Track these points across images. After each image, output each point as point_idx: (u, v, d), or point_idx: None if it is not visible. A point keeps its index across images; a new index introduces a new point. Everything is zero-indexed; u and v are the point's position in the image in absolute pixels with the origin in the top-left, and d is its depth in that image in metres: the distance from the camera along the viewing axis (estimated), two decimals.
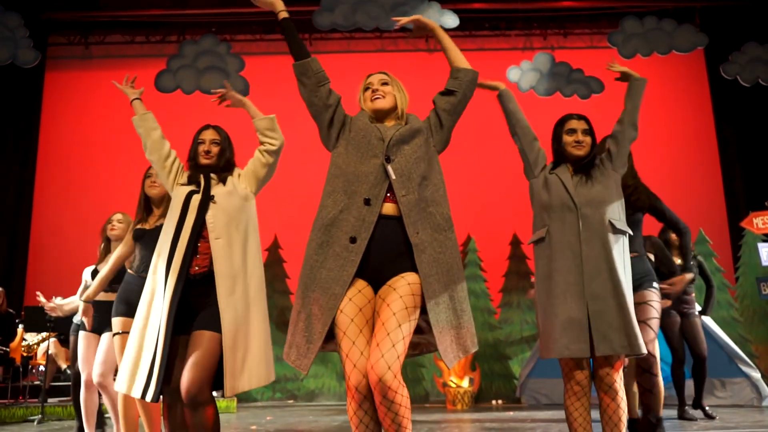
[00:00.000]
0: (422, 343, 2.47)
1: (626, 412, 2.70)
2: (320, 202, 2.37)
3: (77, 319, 4.44)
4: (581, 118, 2.84)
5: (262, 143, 2.86)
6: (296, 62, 2.47)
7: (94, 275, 4.15)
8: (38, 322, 6.38)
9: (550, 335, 2.63)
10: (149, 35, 10.85)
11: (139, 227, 3.49)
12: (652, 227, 4.15)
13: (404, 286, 2.25)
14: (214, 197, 2.68)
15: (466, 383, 7.54)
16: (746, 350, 7.51)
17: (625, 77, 2.94)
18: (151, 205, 3.53)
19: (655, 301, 3.23)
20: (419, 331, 2.43)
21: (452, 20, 9.94)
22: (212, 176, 2.75)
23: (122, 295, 3.46)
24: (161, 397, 2.53)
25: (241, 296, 2.58)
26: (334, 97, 2.48)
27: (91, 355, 3.99)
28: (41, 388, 6.41)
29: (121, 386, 2.55)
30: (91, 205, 9.64)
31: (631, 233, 2.76)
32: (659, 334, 3.82)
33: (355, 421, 2.18)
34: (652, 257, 4.04)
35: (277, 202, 8.83)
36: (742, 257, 9.04)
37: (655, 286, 3.34)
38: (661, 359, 3.97)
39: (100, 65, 10.80)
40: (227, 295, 2.53)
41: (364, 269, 2.29)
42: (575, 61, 10.23)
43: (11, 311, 7.56)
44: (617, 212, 2.72)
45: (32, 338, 7.89)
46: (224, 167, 2.80)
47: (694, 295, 5.44)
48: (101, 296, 3.84)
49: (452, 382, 7.54)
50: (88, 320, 3.64)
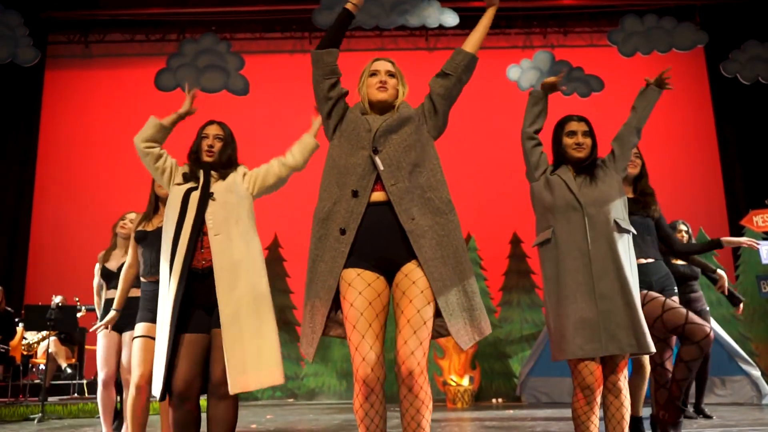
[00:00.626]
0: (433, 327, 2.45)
1: (629, 410, 2.70)
2: (318, 194, 2.41)
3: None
4: (581, 119, 2.82)
5: (287, 155, 2.86)
6: (314, 50, 2.54)
7: (104, 273, 4.14)
8: (38, 320, 6.37)
9: (563, 336, 2.59)
10: (149, 34, 10.86)
11: (140, 229, 3.48)
12: None
13: (423, 278, 2.28)
14: (213, 194, 2.65)
15: (466, 382, 7.54)
16: (746, 348, 7.51)
17: (657, 83, 2.91)
18: (159, 204, 3.51)
19: (677, 307, 3.17)
20: None
21: (452, 18, 9.94)
22: (212, 174, 2.72)
23: (143, 304, 3.43)
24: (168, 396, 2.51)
25: (246, 292, 2.55)
26: (336, 91, 2.51)
27: (111, 354, 3.93)
28: (41, 386, 6.41)
29: (155, 392, 2.53)
30: (91, 203, 9.65)
31: (634, 232, 2.76)
32: None
33: (360, 414, 2.21)
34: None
35: (277, 201, 8.78)
36: (742, 255, 9.05)
37: (675, 291, 3.33)
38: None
39: (99, 64, 10.81)
40: (228, 290, 2.52)
41: (368, 259, 2.31)
42: (575, 59, 10.23)
43: (10, 310, 7.56)
44: (621, 212, 2.72)
45: (32, 337, 7.89)
46: (226, 163, 2.77)
47: (701, 292, 5.42)
48: (112, 295, 3.85)
49: (452, 380, 7.53)
50: (107, 323, 3.55)
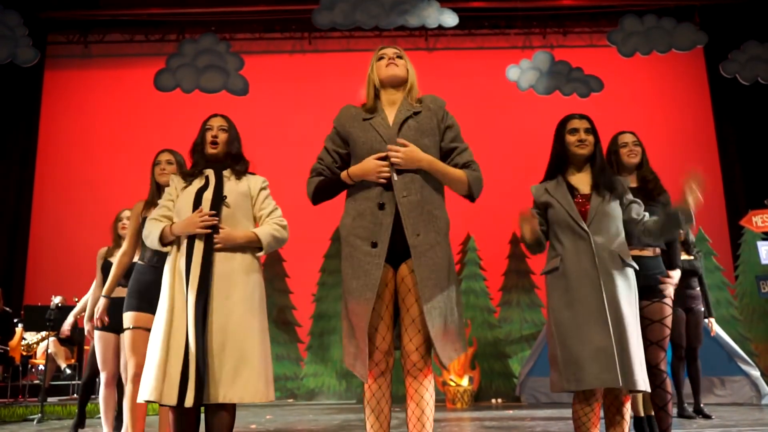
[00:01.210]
0: None
1: (630, 410, 2.70)
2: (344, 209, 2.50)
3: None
4: (583, 117, 2.81)
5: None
6: (310, 196, 2.63)
7: (105, 267, 4.09)
8: (38, 321, 6.37)
9: (578, 365, 2.49)
10: (149, 34, 10.86)
11: (146, 216, 3.40)
12: None
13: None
14: (226, 198, 2.60)
15: (465, 382, 7.54)
16: (746, 348, 7.51)
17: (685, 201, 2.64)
18: (160, 191, 3.41)
19: (668, 317, 3.08)
20: None
21: (452, 19, 9.93)
22: (225, 174, 2.66)
23: (134, 287, 3.33)
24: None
25: (239, 301, 2.49)
26: (337, 159, 2.55)
27: (110, 354, 3.90)
28: (41, 387, 6.41)
29: (146, 394, 2.38)
30: (90, 203, 9.64)
31: (637, 268, 2.70)
32: None
33: (368, 395, 2.40)
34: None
35: (276, 200, 8.81)
36: (741, 255, 9.05)
37: (668, 292, 3.19)
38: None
39: (99, 64, 10.81)
40: (222, 298, 2.47)
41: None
42: (575, 59, 10.24)
43: (8, 310, 7.56)
44: (624, 243, 2.68)
45: (31, 337, 7.89)
46: (234, 158, 2.72)
47: (699, 289, 5.43)
48: (117, 292, 3.79)
49: (452, 380, 7.54)
50: (100, 314, 3.47)
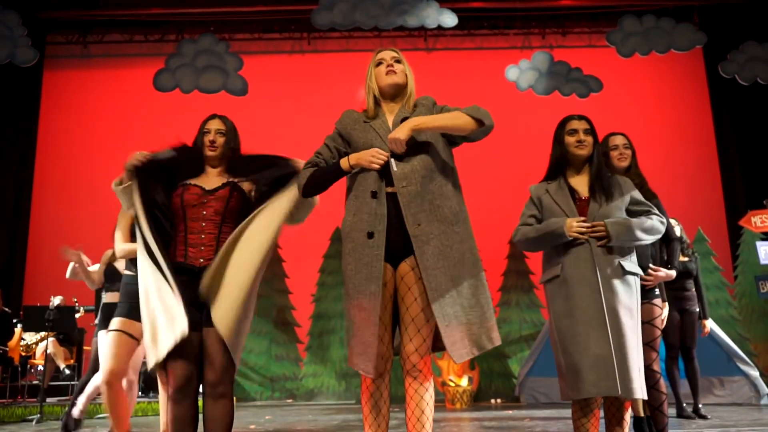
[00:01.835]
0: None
1: (629, 414, 2.70)
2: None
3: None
4: (582, 118, 2.80)
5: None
6: (302, 188, 2.50)
7: (109, 272, 4.09)
8: (37, 321, 6.36)
9: (577, 374, 2.49)
10: (148, 34, 10.85)
11: None
12: None
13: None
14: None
15: (465, 382, 7.54)
16: (745, 349, 7.51)
17: None
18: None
19: (658, 318, 3.10)
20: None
21: (451, 19, 9.94)
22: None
23: (125, 296, 3.35)
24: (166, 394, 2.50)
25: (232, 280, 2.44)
26: (336, 155, 2.53)
27: None
28: (40, 387, 6.41)
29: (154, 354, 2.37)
30: (89, 203, 9.63)
31: (642, 274, 2.69)
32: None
33: (366, 396, 2.42)
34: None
35: None
36: (740, 256, 9.05)
37: (657, 293, 3.19)
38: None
39: (98, 64, 10.80)
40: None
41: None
42: (574, 60, 10.24)
43: (8, 310, 7.56)
44: (625, 250, 2.64)
45: (31, 338, 7.88)
46: (232, 166, 2.74)
47: (693, 290, 5.42)
48: (110, 298, 3.82)
49: (451, 381, 7.53)
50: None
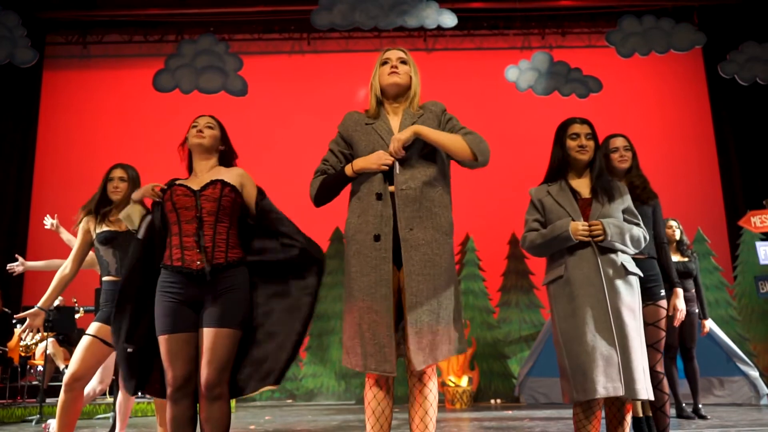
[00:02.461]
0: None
1: (630, 412, 2.69)
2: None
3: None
4: (584, 122, 2.79)
5: None
6: (313, 198, 2.66)
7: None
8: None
9: (585, 375, 2.47)
10: (147, 35, 10.85)
11: (108, 229, 3.38)
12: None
13: None
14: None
15: (464, 382, 7.54)
16: (744, 349, 7.51)
17: None
18: (113, 208, 3.44)
19: (663, 319, 3.05)
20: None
21: (450, 20, 9.93)
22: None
23: (106, 301, 3.32)
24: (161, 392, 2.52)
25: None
26: (342, 160, 2.57)
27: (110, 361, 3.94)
28: (39, 388, 6.40)
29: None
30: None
31: (641, 275, 2.69)
32: None
33: (369, 397, 2.39)
34: None
35: (275, 201, 8.79)
36: (740, 256, 9.05)
37: (662, 294, 3.12)
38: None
39: (98, 65, 10.80)
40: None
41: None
42: (573, 60, 10.23)
43: (7, 311, 7.55)
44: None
45: (30, 338, 7.87)
46: (222, 157, 2.73)
47: (693, 290, 5.42)
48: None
49: (451, 381, 7.53)
50: (36, 324, 3.31)
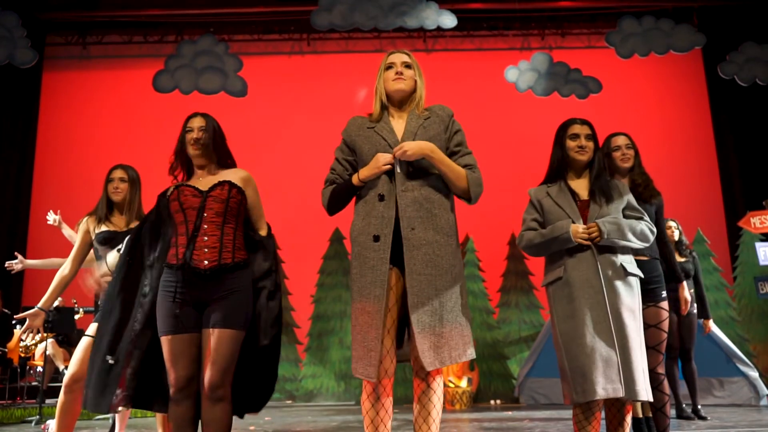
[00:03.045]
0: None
1: (630, 413, 2.69)
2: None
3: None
4: (584, 122, 2.78)
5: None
6: (326, 207, 2.59)
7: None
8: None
9: (585, 377, 2.47)
10: (147, 35, 10.84)
11: (107, 230, 3.41)
12: None
13: None
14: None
15: (464, 383, 7.54)
16: (744, 349, 7.51)
17: None
18: (114, 208, 3.52)
19: (664, 321, 3.04)
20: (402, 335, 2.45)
21: (450, 20, 9.93)
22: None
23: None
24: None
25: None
26: (348, 168, 2.56)
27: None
28: (39, 388, 6.40)
29: None
30: (88, 205, 9.58)
31: (642, 276, 2.69)
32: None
33: (366, 405, 2.37)
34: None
35: (275, 202, 8.80)
36: (740, 257, 9.05)
37: (664, 296, 3.10)
38: None
39: (97, 65, 10.79)
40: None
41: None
42: (573, 61, 10.23)
43: (7, 311, 7.54)
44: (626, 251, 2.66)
45: (30, 339, 7.87)
46: (220, 158, 2.70)
47: (692, 290, 5.41)
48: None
49: (451, 382, 7.53)
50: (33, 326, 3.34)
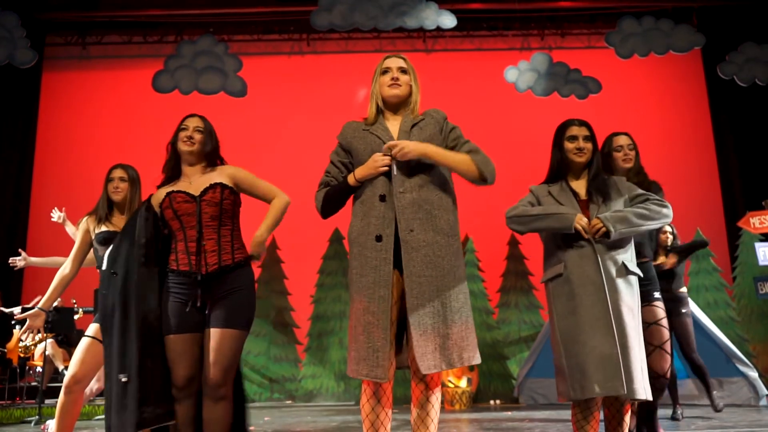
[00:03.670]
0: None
1: (629, 413, 2.67)
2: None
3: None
4: (582, 124, 2.79)
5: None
6: (319, 211, 2.57)
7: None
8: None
9: (583, 373, 2.45)
10: (147, 35, 10.84)
11: (107, 229, 3.42)
12: None
13: None
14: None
15: (464, 383, 7.54)
16: (744, 350, 7.51)
17: None
18: (114, 208, 3.54)
19: (663, 318, 3.06)
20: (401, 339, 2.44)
21: (450, 20, 9.93)
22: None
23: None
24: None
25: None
26: (344, 170, 2.54)
27: None
28: (38, 389, 6.40)
29: None
30: (88, 206, 9.57)
31: (641, 275, 2.68)
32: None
33: (367, 409, 2.35)
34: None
35: None
36: (739, 257, 9.05)
37: (657, 296, 3.11)
38: None
39: (97, 66, 10.79)
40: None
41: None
42: (573, 61, 10.23)
43: (6, 311, 7.54)
44: (626, 250, 2.66)
45: (29, 339, 7.87)
46: (209, 160, 2.73)
47: (684, 289, 5.34)
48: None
49: (450, 382, 7.53)
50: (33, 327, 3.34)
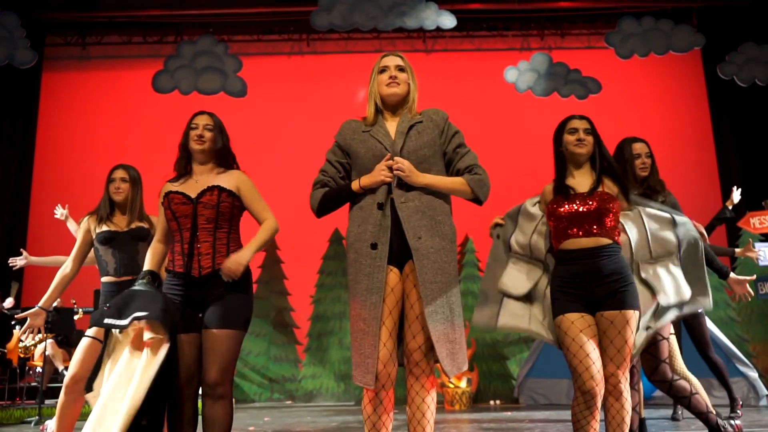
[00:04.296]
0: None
1: (630, 413, 2.66)
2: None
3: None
4: (583, 118, 2.81)
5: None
6: (315, 210, 2.54)
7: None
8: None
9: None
10: (147, 36, 10.84)
11: (108, 230, 3.41)
12: None
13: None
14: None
15: (464, 383, 7.54)
16: (744, 350, 7.51)
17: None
18: (115, 208, 3.52)
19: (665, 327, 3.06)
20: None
21: (450, 21, 9.93)
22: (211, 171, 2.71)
23: (104, 303, 3.28)
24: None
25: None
26: (341, 170, 2.53)
27: None
28: (38, 389, 6.39)
29: None
30: (88, 206, 9.57)
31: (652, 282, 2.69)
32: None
33: (368, 410, 2.37)
34: None
35: (275, 202, 8.77)
36: (739, 257, 9.05)
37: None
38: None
39: (97, 66, 10.79)
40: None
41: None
42: (573, 61, 10.23)
43: (5, 311, 7.54)
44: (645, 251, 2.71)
45: (29, 339, 7.86)
46: (221, 158, 2.73)
47: None
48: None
49: (450, 382, 7.53)
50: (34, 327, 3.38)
